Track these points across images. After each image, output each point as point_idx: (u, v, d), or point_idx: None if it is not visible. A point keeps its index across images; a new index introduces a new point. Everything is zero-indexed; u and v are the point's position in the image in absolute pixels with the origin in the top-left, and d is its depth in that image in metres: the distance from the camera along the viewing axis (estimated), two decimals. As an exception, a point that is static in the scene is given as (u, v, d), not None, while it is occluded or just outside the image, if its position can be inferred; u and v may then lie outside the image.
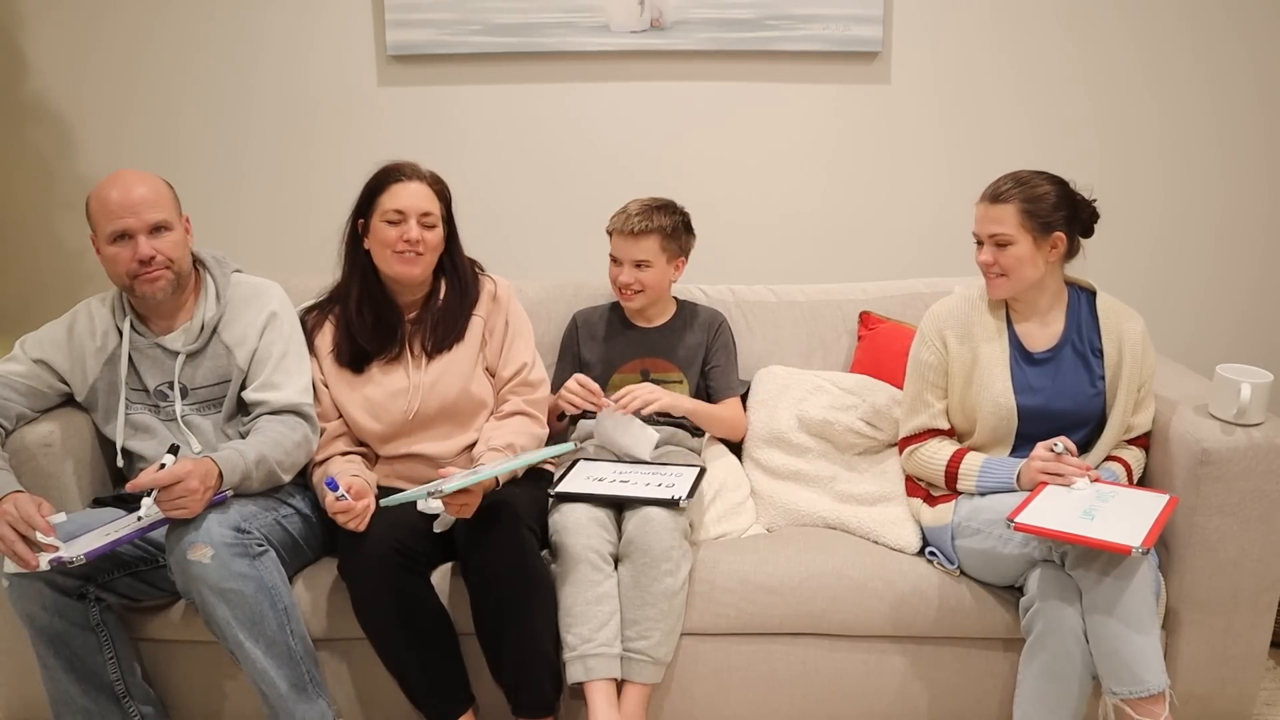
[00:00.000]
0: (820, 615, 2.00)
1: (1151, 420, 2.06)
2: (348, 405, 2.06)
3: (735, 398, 2.33)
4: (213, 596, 1.76)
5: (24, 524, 1.71)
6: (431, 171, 2.09)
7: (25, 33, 2.85)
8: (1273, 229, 2.97)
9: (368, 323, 2.07)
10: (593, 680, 1.88)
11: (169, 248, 1.92)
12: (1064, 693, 1.79)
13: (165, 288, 1.93)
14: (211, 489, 1.78)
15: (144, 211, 1.89)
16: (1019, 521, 1.78)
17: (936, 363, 2.08)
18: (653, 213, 2.25)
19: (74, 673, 1.85)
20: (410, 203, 2.02)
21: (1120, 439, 2.04)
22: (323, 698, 1.88)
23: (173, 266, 1.93)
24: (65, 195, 2.93)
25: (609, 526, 1.99)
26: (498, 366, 2.13)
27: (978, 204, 2.02)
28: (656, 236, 2.24)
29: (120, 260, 1.90)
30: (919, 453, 2.10)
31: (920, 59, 2.86)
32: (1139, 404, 2.04)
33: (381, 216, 2.02)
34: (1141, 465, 2.06)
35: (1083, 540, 1.72)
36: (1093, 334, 2.05)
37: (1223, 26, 2.84)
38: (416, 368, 2.07)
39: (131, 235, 1.88)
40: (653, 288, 2.28)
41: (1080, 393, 2.02)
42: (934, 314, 2.11)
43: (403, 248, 2.02)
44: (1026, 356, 2.05)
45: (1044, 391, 2.02)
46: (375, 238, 2.04)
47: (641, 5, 2.77)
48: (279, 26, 2.85)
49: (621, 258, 2.27)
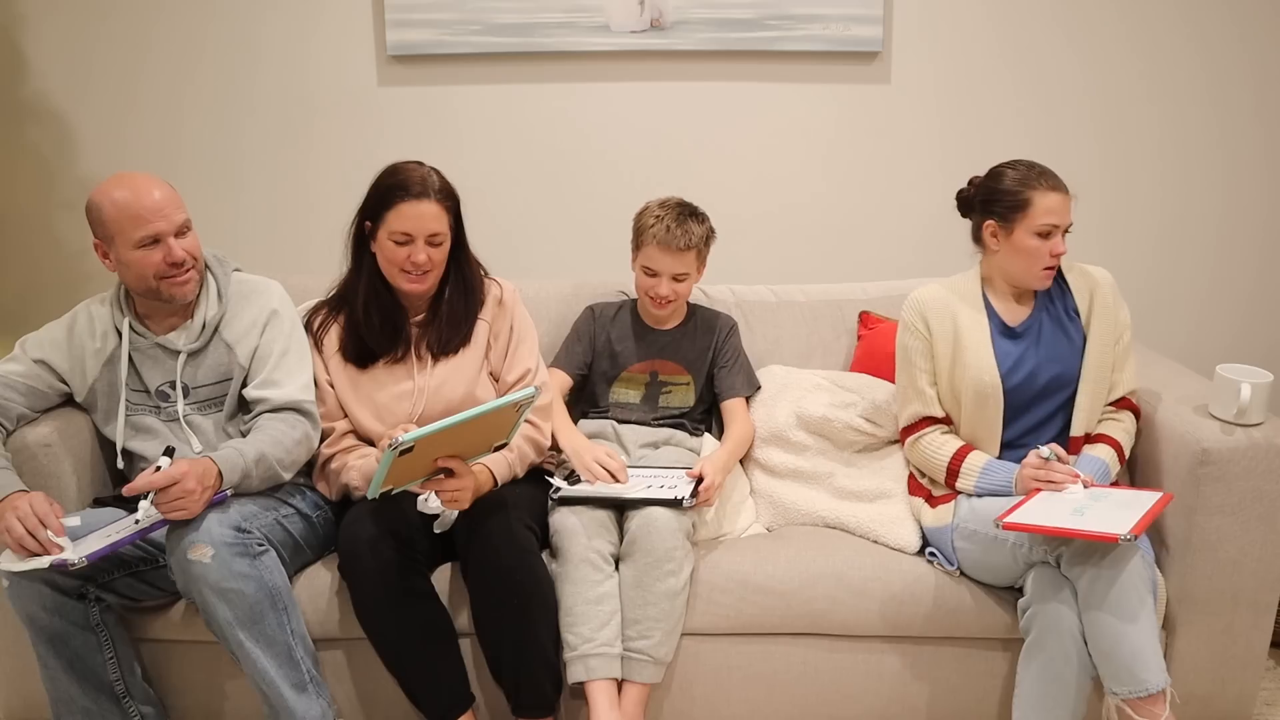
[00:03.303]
0: (820, 615, 2.00)
1: (1135, 380, 2.06)
2: (352, 406, 2.06)
3: (741, 399, 2.32)
4: (213, 596, 1.76)
5: (36, 523, 1.71)
6: (442, 181, 2.03)
7: (25, 33, 2.85)
8: (1273, 229, 2.97)
9: (375, 324, 2.06)
10: (593, 680, 1.88)
11: (193, 247, 1.94)
12: (1063, 694, 1.79)
13: (194, 289, 1.95)
14: (211, 489, 1.78)
15: (172, 214, 1.90)
16: (1008, 521, 1.78)
17: (920, 345, 2.09)
18: (690, 223, 2.19)
19: (74, 673, 1.85)
20: (418, 225, 1.98)
21: (1104, 398, 2.05)
22: (323, 697, 1.88)
23: (197, 265, 1.95)
24: (65, 195, 2.93)
25: (610, 527, 1.99)
26: (502, 371, 2.13)
27: (1052, 192, 1.97)
28: (696, 249, 2.21)
29: (149, 264, 1.89)
30: (922, 443, 2.10)
31: (920, 59, 2.86)
32: (1120, 360, 2.05)
33: (389, 234, 1.99)
34: (1132, 435, 2.06)
35: (1070, 533, 1.73)
36: (1063, 297, 2.09)
37: (1223, 27, 2.84)
38: (421, 370, 2.06)
39: (162, 239, 1.88)
40: (684, 297, 2.29)
41: (1063, 356, 2.04)
42: (912, 300, 2.13)
43: (409, 268, 2.00)
44: (1007, 330, 2.07)
45: (1028, 361, 2.04)
46: (382, 250, 2.02)
47: (641, 5, 2.78)
48: (279, 27, 2.85)
49: (660, 270, 2.21)
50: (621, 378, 2.31)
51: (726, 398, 2.32)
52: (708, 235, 2.24)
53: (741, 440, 2.25)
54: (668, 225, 2.18)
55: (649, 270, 2.23)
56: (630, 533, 1.95)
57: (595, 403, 2.33)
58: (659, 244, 2.18)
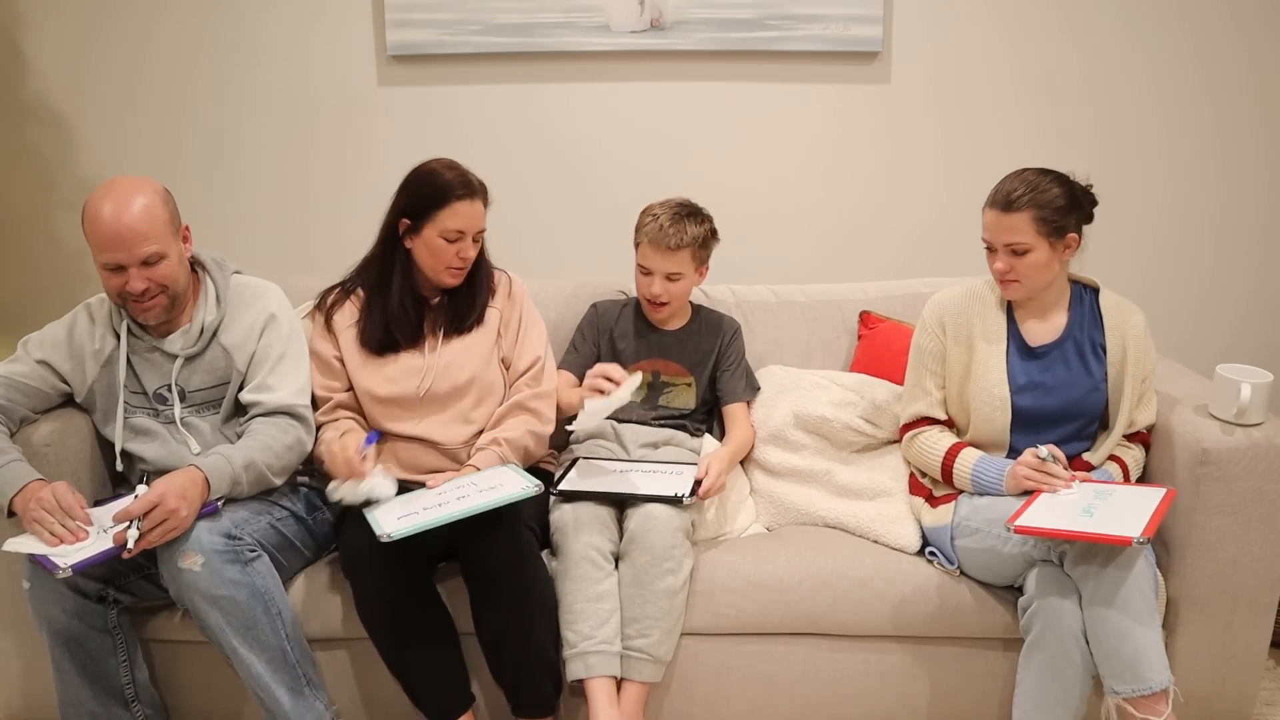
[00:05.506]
0: (820, 615, 2.00)
1: (1154, 415, 2.06)
2: (360, 376, 2.07)
3: (743, 404, 2.32)
4: (205, 604, 1.76)
5: (62, 514, 1.75)
6: (479, 180, 2.10)
7: (25, 33, 2.85)
8: (1273, 229, 2.97)
9: (410, 318, 2.09)
10: (593, 678, 1.88)
11: (163, 275, 1.88)
12: (1063, 692, 1.79)
13: (159, 314, 1.92)
14: (199, 499, 1.78)
15: (135, 246, 1.82)
16: (1019, 524, 1.78)
17: (934, 348, 2.08)
18: (685, 223, 2.18)
19: (86, 675, 1.85)
20: (470, 223, 2.05)
21: (1121, 433, 2.04)
22: (320, 699, 1.88)
23: (168, 290, 1.90)
24: (65, 195, 2.93)
25: (610, 525, 1.99)
26: (513, 358, 2.14)
27: (987, 210, 1.98)
28: (690, 249, 2.20)
29: (111, 285, 1.88)
30: (919, 440, 2.10)
31: (920, 59, 2.86)
32: (1141, 398, 2.04)
33: (439, 232, 2.03)
34: (1140, 465, 2.06)
35: (1083, 536, 1.72)
36: (1095, 330, 2.05)
37: (1223, 27, 2.84)
38: (432, 349, 2.09)
39: (125, 267, 1.85)
40: (680, 299, 2.27)
41: (1079, 387, 2.02)
42: (935, 302, 2.12)
43: (458, 263, 2.06)
44: (1027, 350, 2.05)
45: (1041, 385, 2.02)
46: (427, 246, 2.05)
47: (641, 5, 2.78)
48: (279, 27, 2.85)
49: (654, 269, 2.21)
50: None
51: (729, 402, 2.31)
52: (705, 237, 2.22)
53: (743, 444, 2.25)
54: (661, 224, 2.18)
55: (643, 269, 2.24)
56: (629, 530, 1.95)
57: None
58: (650, 242, 2.19)
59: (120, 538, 1.71)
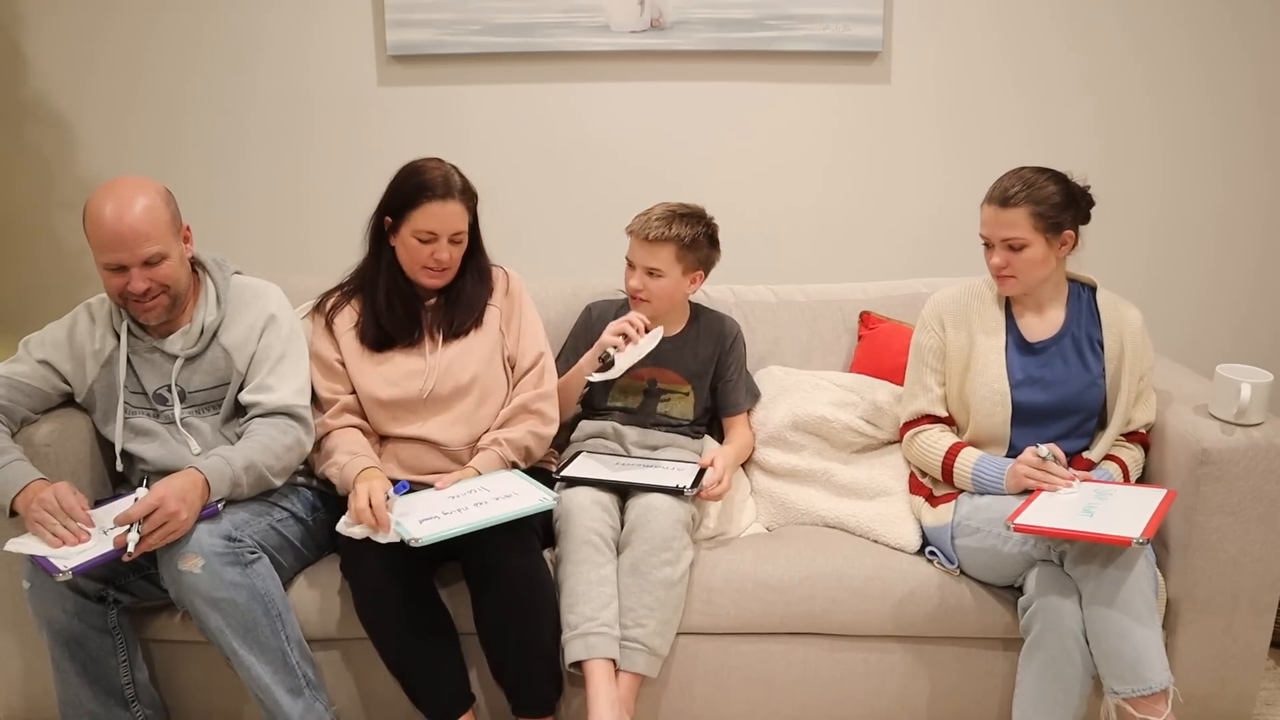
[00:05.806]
0: (820, 615, 2.00)
1: (1153, 414, 2.06)
2: (362, 379, 2.07)
3: (743, 415, 2.30)
4: (205, 606, 1.76)
5: (64, 515, 1.75)
6: (463, 180, 2.07)
7: (25, 33, 2.85)
8: (1273, 229, 2.97)
9: (398, 314, 2.09)
10: (593, 658, 1.87)
11: (164, 276, 1.87)
12: (1063, 692, 1.79)
13: (160, 314, 1.92)
14: (199, 501, 1.78)
15: (137, 246, 1.82)
16: (1019, 523, 1.78)
17: (934, 345, 2.09)
18: (674, 220, 2.14)
19: (86, 675, 1.85)
20: (443, 225, 2.03)
21: (1121, 432, 2.05)
22: (320, 701, 1.88)
23: (169, 291, 1.90)
24: (65, 195, 2.93)
25: (612, 511, 1.99)
26: (517, 356, 2.14)
27: (985, 206, 2.01)
28: (673, 246, 2.13)
29: (113, 285, 1.88)
30: (919, 439, 2.11)
31: (920, 59, 2.86)
32: (1139, 397, 2.05)
33: (413, 232, 2.03)
34: (1140, 465, 2.07)
35: (1083, 536, 1.73)
36: (1092, 327, 2.06)
37: (1223, 27, 2.84)
38: (433, 350, 2.09)
39: (126, 267, 1.84)
40: (660, 299, 2.18)
41: (1077, 382, 2.03)
42: (934, 300, 2.14)
43: (432, 264, 2.05)
44: (1025, 346, 2.06)
45: (1040, 380, 2.03)
46: (404, 246, 2.06)
47: (641, 5, 2.77)
48: (279, 27, 2.85)
49: (635, 262, 2.18)
50: (618, 384, 2.26)
51: (729, 414, 2.30)
52: (694, 238, 2.15)
53: (744, 448, 2.26)
54: (649, 217, 2.17)
55: (628, 261, 2.21)
56: (630, 520, 1.96)
57: (594, 405, 2.31)
58: (635, 233, 2.18)
59: (121, 541, 1.71)
